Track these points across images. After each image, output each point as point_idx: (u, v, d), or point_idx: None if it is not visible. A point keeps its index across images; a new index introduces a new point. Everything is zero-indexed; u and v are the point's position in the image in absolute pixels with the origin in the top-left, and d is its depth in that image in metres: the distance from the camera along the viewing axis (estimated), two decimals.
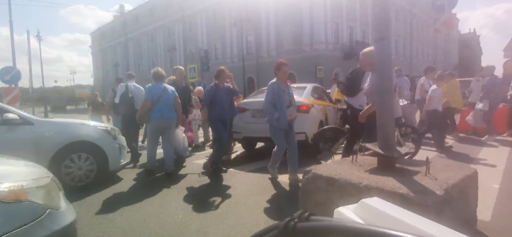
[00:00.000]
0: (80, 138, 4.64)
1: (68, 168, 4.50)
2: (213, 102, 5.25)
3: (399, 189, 2.16)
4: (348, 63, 29.04)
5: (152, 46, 50.29)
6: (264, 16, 33.67)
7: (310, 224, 0.48)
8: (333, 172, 2.60)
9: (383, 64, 2.62)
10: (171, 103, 5.19)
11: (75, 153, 4.57)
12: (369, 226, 0.43)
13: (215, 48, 39.74)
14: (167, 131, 5.27)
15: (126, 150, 5.34)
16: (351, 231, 0.43)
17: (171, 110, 5.21)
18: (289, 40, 32.08)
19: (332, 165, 2.88)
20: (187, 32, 43.64)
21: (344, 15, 32.84)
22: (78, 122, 4.93)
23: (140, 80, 5.92)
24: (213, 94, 5.26)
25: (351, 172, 2.60)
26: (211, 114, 5.31)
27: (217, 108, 5.25)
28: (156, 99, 5.04)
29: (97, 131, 4.84)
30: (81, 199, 4.13)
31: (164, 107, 5.08)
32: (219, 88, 5.31)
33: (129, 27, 54.53)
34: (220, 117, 5.29)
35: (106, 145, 4.81)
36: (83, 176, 4.64)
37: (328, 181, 2.52)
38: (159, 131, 5.25)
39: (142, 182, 4.95)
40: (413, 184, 2.26)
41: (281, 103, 4.44)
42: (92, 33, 68.48)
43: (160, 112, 5.04)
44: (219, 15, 38.48)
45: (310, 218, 0.49)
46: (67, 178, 4.48)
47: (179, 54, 44.36)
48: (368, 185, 2.27)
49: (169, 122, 5.20)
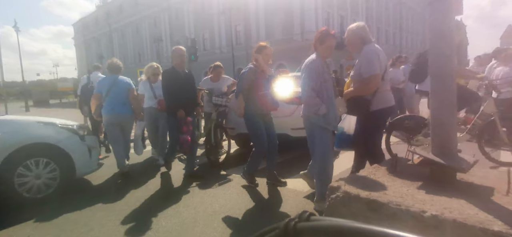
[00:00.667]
0: (38, 140, 3.75)
1: (23, 177, 3.63)
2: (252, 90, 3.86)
3: (490, 224, 1.41)
4: (339, 53, 28.32)
5: (137, 37, 48.58)
6: (254, 5, 32.60)
7: (310, 224, 0.47)
8: (375, 191, 1.84)
9: (441, 37, 1.85)
10: (124, 96, 4.70)
11: (32, 159, 3.69)
12: (369, 226, 0.41)
13: (203, 38, 38.52)
14: (125, 127, 4.82)
15: (98, 152, 4.47)
16: (351, 231, 0.43)
17: (124, 104, 4.70)
18: (279, 29, 31.20)
19: (369, 177, 2.11)
20: (174, 22, 42.17)
21: (335, 3, 32.11)
22: (36, 120, 4.02)
23: (126, 73, 5.08)
24: (252, 78, 3.84)
25: (400, 190, 1.84)
26: (248, 106, 3.86)
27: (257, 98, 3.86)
28: (105, 92, 4.62)
29: (60, 131, 3.96)
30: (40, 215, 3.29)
31: (115, 101, 4.60)
32: (258, 70, 3.87)
33: (113, 17, 52.47)
34: (260, 110, 3.90)
35: (71, 147, 3.94)
36: (43, 186, 3.77)
37: (369, 205, 1.76)
38: (114, 127, 4.67)
39: (119, 189, 4.10)
40: (502, 213, 1.52)
41: (328, 90, 3.06)
42: (74, 24, 65.84)
43: (110, 106, 4.60)
44: (207, 4, 37.17)
45: (311, 218, 0.48)
46: (22, 189, 3.61)
47: (165, 44, 42.89)
48: (437, 216, 1.51)
49: (121, 117, 4.68)
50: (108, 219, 3.19)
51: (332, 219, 0.48)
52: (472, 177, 2.08)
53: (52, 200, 3.70)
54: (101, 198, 3.80)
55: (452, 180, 1.93)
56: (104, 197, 3.83)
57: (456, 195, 1.75)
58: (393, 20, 42.47)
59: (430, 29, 1.90)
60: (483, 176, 2.11)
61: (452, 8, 1.81)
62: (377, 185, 1.96)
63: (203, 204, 3.50)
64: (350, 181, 2.06)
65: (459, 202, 1.65)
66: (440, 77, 1.88)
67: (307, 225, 0.48)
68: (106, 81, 4.73)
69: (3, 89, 20.52)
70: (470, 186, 1.94)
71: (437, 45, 1.88)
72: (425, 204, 1.63)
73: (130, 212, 3.36)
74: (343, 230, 0.44)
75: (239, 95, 3.81)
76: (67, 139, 3.95)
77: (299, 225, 0.48)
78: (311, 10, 29.23)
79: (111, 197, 3.84)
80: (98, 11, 56.76)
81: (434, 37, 1.89)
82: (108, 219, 3.17)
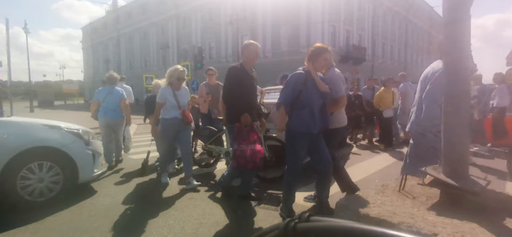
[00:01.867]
0: (42, 143, 3.74)
1: (26, 179, 3.60)
2: (299, 103, 3.07)
3: None
4: (344, 66, 28.42)
5: (144, 43, 48.97)
6: (261, 16, 32.85)
7: (310, 225, 0.48)
8: (385, 211, 1.79)
9: (457, 59, 1.82)
10: (116, 104, 5.62)
11: (35, 161, 3.67)
12: (369, 226, 0.42)
13: (210, 47, 38.74)
14: (115, 129, 5.73)
15: (101, 157, 4.45)
16: (351, 231, 0.43)
17: (115, 110, 5.62)
18: (285, 41, 31.36)
19: (377, 197, 2.07)
20: (181, 29, 42.53)
21: (341, 18, 32.26)
22: (41, 123, 4.02)
23: (132, 78, 5.35)
24: (300, 87, 3.05)
25: (411, 211, 1.80)
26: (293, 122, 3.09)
27: (304, 112, 3.06)
28: (102, 100, 5.60)
29: (65, 135, 3.95)
30: (40, 219, 3.26)
31: (107, 108, 5.58)
32: (310, 77, 3.07)
33: (122, 23, 53.09)
34: (307, 129, 3.05)
35: (75, 151, 3.93)
36: (46, 190, 3.74)
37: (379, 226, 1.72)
38: (107, 129, 5.63)
39: (121, 195, 4.07)
40: None
41: None
42: (83, 28, 66.55)
43: (103, 111, 5.57)
44: (215, 13, 37.53)
45: (310, 219, 0.49)
46: (24, 193, 3.59)
47: (172, 52, 43.21)
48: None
49: (111, 121, 5.60)
50: (109, 226, 3.15)
51: (332, 219, 0.49)
52: (483, 199, 2.03)
53: (53, 204, 3.66)
54: (102, 205, 3.77)
55: (463, 202, 1.88)
56: (106, 204, 3.80)
57: (467, 217, 1.71)
58: (398, 36, 42.54)
59: (446, 50, 1.88)
60: (494, 198, 2.06)
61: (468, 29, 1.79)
62: (386, 204, 1.92)
63: (204, 216, 3.45)
64: (359, 199, 2.02)
65: (471, 226, 1.60)
66: (455, 98, 1.85)
67: (307, 225, 0.49)
68: (104, 91, 5.71)
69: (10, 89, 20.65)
70: (481, 208, 1.89)
71: (453, 67, 1.86)
72: (436, 227, 1.59)
73: (132, 221, 3.32)
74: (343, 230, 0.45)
75: (281, 107, 3.12)
76: (72, 144, 3.94)
77: (299, 226, 0.49)
78: (317, 23, 29.40)
79: (112, 204, 3.81)
80: (107, 16, 57.46)
81: (450, 59, 1.86)
82: (109, 227, 3.14)
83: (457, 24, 1.80)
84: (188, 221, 3.28)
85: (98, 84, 33.09)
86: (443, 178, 1.86)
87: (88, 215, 3.42)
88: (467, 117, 1.85)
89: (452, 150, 1.85)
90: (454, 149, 1.85)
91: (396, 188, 2.24)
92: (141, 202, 3.89)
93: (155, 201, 3.92)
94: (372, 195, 2.12)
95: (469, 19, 1.80)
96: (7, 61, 19.61)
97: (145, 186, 4.60)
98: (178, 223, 3.21)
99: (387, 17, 39.50)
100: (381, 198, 2.06)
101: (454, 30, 1.80)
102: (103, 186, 4.52)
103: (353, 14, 33.89)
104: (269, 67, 31.88)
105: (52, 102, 42.90)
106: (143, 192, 4.31)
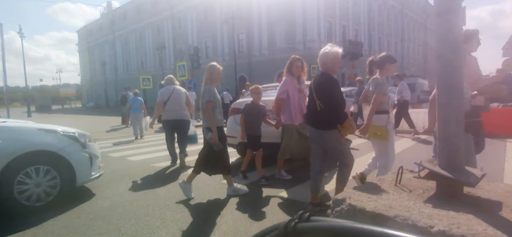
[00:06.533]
0: (39, 147, 3.73)
1: (23, 184, 3.59)
2: None
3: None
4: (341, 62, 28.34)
5: (140, 44, 48.82)
6: (256, 14, 32.78)
7: (310, 224, 0.48)
8: (381, 204, 1.80)
9: (451, 49, 1.82)
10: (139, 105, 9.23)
11: (32, 166, 3.66)
12: (369, 226, 0.42)
13: (206, 46, 38.67)
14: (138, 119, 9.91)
15: (98, 160, 4.44)
16: (351, 231, 0.43)
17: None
18: (281, 38, 31.30)
19: (374, 189, 2.07)
20: (177, 30, 42.42)
21: (337, 13, 32.24)
22: (38, 127, 4.00)
23: (128, 79, 5.12)
24: None
25: (406, 204, 1.80)
26: None
27: None
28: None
29: (61, 138, 3.94)
30: (39, 223, 3.25)
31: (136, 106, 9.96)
32: None
33: (117, 25, 52.87)
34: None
35: (72, 155, 3.91)
36: (43, 194, 3.73)
37: (375, 220, 1.72)
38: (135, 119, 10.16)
39: (120, 198, 4.07)
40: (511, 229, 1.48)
41: None
42: (78, 31, 66.24)
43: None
44: (210, 12, 37.44)
45: (311, 219, 0.49)
46: (21, 197, 3.57)
47: (168, 52, 43.11)
48: (445, 232, 1.47)
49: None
50: (107, 228, 3.15)
51: (332, 219, 0.49)
52: (479, 191, 2.03)
53: (51, 208, 3.65)
54: (101, 208, 3.76)
55: (459, 194, 1.89)
56: (104, 207, 3.79)
57: (463, 209, 1.71)
58: (394, 30, 42.60)
59: (439, 41, 1.87)
60: (490, 190, 2.07)
61: (461, 19, 1.79)
62: (383, 198, 1.92)
63: (205, 216, 3.45)
64: (355, 193, 2.03)
65: (467, 217, 1.61)
66: (449, 89, 1.85)
67: (307, 225, 0.49)
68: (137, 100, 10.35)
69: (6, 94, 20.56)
70: (477, 200, 1.89)
71: (447, 57, 1.85)
72: (432, 219, 1.59)
73: (129, 221, 3.32)
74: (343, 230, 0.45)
75: None
76: (69, 147, 3.93)
77: (299, 226, 0.49)
78: (313, 20, 29.37)
79: (111, 206, 3.80)
80: (102, 18, 57.22)
81: (444, 49, 1.86)
82: (107, 229, 3.13)
83: (449, 15, 1.80)
84: (188, 221, 3.28)
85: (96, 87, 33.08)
86: (438, 170, 1.86)
87: (86, 218, 3.41)
88: (461, 109, 1.86)
89: (447, 142, 1.86)
90: (448, 141, 1.86)
91: (393, 181, 2.24)
92: (140, 204, 3.89)
93: (155, 203, 3.92)
94: (369, 189, 2.12)
95: (461, 9, 1.80)
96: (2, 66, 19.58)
97: (144, 188, 4.59)
98: (177, 224, 3.21)
99: (383, 11, 39.52)
100: (377, 191, 2.06)
101: (446, 21, 1.80)
102: (102, 189, 4.51)
103: (349, 9, 33.86)
104: (265, 64, 31.85)
105: (50, 107, 42.77)
106: (142, 194, 4.30)
